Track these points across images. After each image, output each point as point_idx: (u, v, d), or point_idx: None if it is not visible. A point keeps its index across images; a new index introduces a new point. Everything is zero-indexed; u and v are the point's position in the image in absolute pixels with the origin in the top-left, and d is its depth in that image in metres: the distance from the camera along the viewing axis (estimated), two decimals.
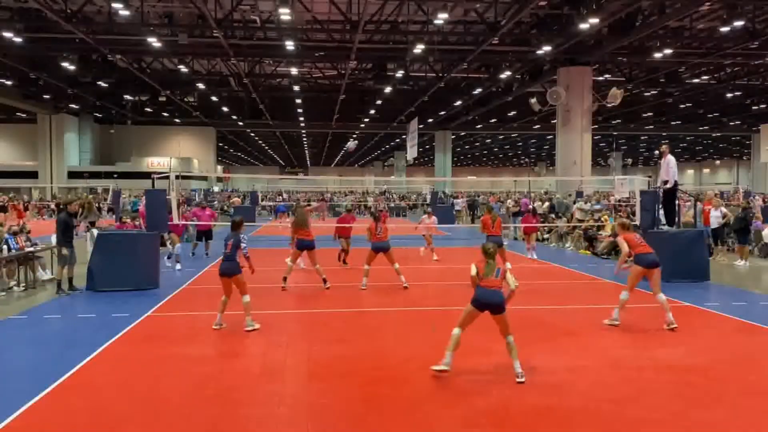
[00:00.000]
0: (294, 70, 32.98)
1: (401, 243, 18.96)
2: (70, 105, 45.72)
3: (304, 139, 71.97)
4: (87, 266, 11.36)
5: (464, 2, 22.28)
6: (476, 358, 6.68)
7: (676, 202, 13.79)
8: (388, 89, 34.68)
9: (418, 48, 24.83)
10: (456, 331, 6.28)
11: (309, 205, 18.42)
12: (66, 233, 10.97)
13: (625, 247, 8.72)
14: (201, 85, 36.95)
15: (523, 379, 6.00)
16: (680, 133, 61.12)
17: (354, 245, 14.94)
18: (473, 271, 6.31)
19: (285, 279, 11.53)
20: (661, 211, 13.25)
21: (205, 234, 16.82)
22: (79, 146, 52.18)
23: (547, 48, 24.31)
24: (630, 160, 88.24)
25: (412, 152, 43.62)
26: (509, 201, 25.27)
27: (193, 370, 6.46)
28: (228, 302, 8.32)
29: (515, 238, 22.11)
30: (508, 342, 6.21)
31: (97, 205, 25.91)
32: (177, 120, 52.68)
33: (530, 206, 21.23)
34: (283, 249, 15.04)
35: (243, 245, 8.26)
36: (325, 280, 11.34)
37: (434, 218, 17.62)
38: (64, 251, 10.88)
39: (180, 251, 14.51)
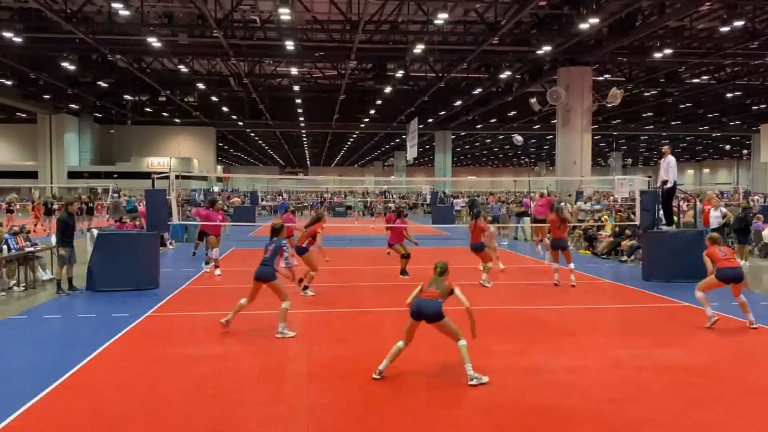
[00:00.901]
0: (294, 70, 32.99)
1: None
2: (70, 105, 45.73)
3: (304, 139, 71.98)
4: (87, 266, 11.37)
5: (464, 2, 22.27)
6: (476, 358, 6.67)
7: (675, 202, 13.81)
8: (388, 89, 34.68)
9: (418, 48, 24.83)
10: (399, 344, 6.24)
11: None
12: (65, 233, 10.96)
13: (709, 265, 8.51)
14: (201, 85, 36.95)
15: (473, 382, 5.90)
16: (680, 133, 61.13)
17: (357, 245, 14.82)
18: (415, 292, 6.35)
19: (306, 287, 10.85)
20: (661, 212, 13.25)
21: (206, 234, 16.80)
22: (79, 146, 52.20)
23: (547, 48, 24.31)
24: (630, 160, 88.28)
25: (412, 152, 43.62)
26: (512, 205, 25.26)
27: (193, 370, 6.46)
28: (245, 307, 8.07)
29: (515, 238, 22.11)
30: (459, 347, 6.08)
31: (90, 205, 25.93)
32: (177, 120, 52.69)
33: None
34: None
35: (286, 253, 7.92)
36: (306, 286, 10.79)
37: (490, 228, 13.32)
38: (62, 251, 10.89)
39: (218, 255, 13.70)
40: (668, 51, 25.97)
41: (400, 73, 31.52)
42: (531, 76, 31.96)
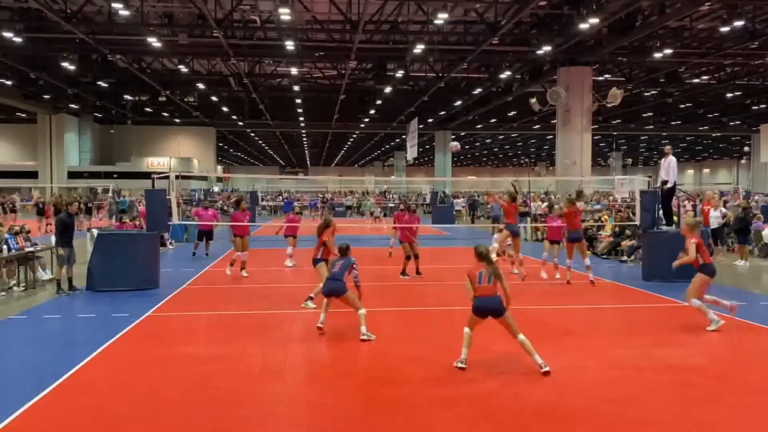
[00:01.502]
0: (294, 70, 32.98)
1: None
2: (70, 105, 45.71)
3: (304, 139, 71.98)
4: (87, 266, 11.38)
5: (464, 2, 22.27)
6: (476, 357, 6.68)
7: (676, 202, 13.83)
8: (388, 89, 34.68)
9: (418, 48, 24.82)
10: (466, 329, 6.52)
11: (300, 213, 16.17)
12: (65, 233, 10.98)
13: (693, 253, 8.31)
14: (201, 85, 36.95)
15: (547, 368, 6.19)
16: (680, 133, 61.13)
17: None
18: (467, 285, 6.52)
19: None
20: (661, 212, 13.26)
21: (206, 234, 16.85)
22: (79, 146, 52.19)
23: (547, 48, 24.30)
24: (630, 160, 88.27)
25: (412, 152, 43.62)
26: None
27: (193, 370, 6.46)
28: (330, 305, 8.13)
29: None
30: (520, 342, 6.34)
31: (89, 205, 26.03)
32: (177, 120, 52.68)
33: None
34: (283, 249, 14.99)
35: (355, 271, 8.10)
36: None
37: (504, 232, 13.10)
38: (61, 251, 10.92)
39: (246, 257, 13.22)
40: (668, 51, 25.96)
41: (400, 73, 31.52)
42: (531, 76, 31.95)
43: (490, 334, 7.83)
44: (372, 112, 44.29)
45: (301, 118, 50.04)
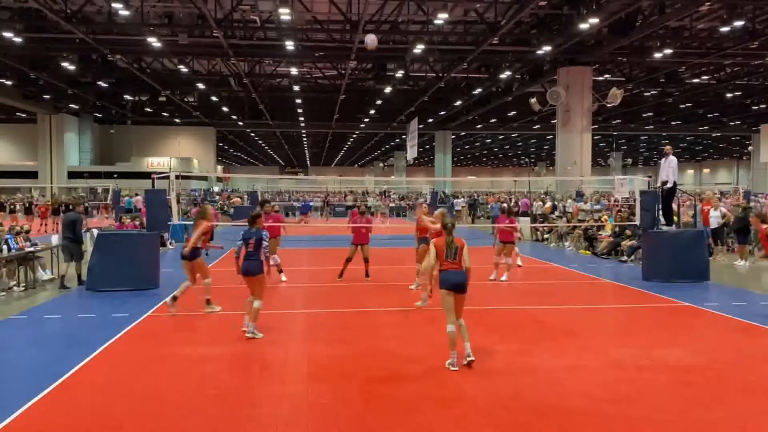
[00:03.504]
0: (294, 70, 32.98)
1: (403, 244, 19.01)
2: (70, 105, 45.73)
3: (304, 139, 71.97)
4: (87, 266, 11.39)
5: (464, 2, 22.28)
6: (477, 358, 6.67)
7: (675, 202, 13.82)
8: (388, 89, 34.68)
9: (418, 48, 24.83)
10: (449, 328, 6.49)
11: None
12: (73, 230, 11.38)
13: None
14: (201, 85, 36.96)
15: (472, 358, 6.40)
16: (680, 133, 61.15)
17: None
18: (432, 255, 6.60)
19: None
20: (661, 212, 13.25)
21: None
22: (79, 146, 52.20)
23: (547, 48, 24.31)
24: (630, 160, 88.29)
25: (412, 152, 43.64)
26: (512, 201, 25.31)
27: (193, 370, 6.46)
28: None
29: (519, 238, 22.07)
30: (460, 325, 6.51)
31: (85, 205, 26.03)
32: (177, 120, 52.69)
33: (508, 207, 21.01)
34: (287, 249, 14.98)
35: (265, 243, 7.83)
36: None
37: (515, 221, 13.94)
38: (69, 248, 11.27)
39: (278, 261, 12.53)
40: (668, 51, 25.96)
41: (400, 73, 31.52)
42: (531, 76, 31.96)
43: (491, 334, 7.84)
44: (372, 112, 44.30)
45: (301, 118, 50.05)
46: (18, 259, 11.65)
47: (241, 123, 51.20)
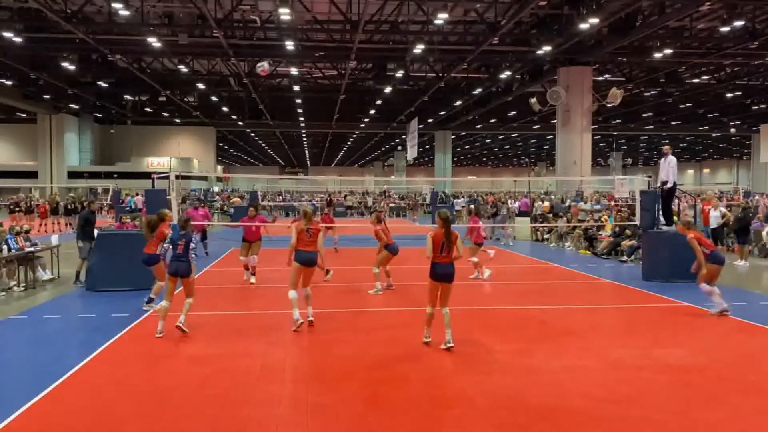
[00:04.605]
0: (294, 70, 32.99)
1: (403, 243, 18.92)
2: (70, 105, 45.73)
3: (304, 139, 71.97)
4: (88, 266, 11.40)
5: (464, 2, 22.28)
6: (477, 357, 6.68)
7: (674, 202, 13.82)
8: (388, 89, 34.68)
9: (418, 48, 24.83)
10: (428, 309, 7.21)
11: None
12: (85, 228, 11.66)
13: (696, 246, 9.12)
14: (201, 85, 36.95)
15: (451, 344, 6.85)
16: (680, 133, 61.13)
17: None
18: (428, 247, 7.04)
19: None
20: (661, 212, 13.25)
21: (200, 234, 16.83)
22: (79, 146, 52.21)
23: (547, 48, 24.30)
24: (630, 160, 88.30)
25: (412, 152, 43.64)
26: (513, 202, 25.26)
27: (193, 370, 6.46)
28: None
29: (514, 237, 22.09)
30: (444, 313, 7.03)
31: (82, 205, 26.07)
32: (177, 120, 52.70)
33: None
34: (284, 249, 14.96)
35: (193, 245, 7.99)
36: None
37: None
38: (80, 244, 11.58)
39: (256, 262, 12.57)
40: (668, 51, 25.97)
41: (400, 73, 31.52)
42: (531, 76, 31.96)
43: (491, 334, 7.85)
44: (372, 112, 44.29)
45: (301, 118, 50.05)
46: (18, 259, 11.66)
47: (241, 123, 51.22)
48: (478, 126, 53.37)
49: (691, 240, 9.10)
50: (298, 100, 41.59)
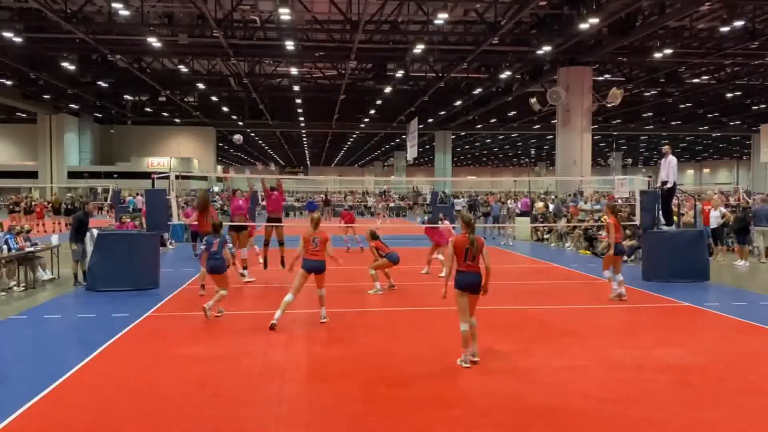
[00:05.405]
0: (294, 70, 33.00)
1: (403, 244, 18.97)
2: (70, 105, 45.75)
3: (304, 139, 71.95)
4: (87, 266, 11.39)
5: (464, 2, 22.29)
6: (477, 357, 6.68)
7: (674, 201, 13.82)
8: (388, 89, 34.69)
9: (418, 48, 24.84)
10: (463, 326, 6.57)
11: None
12: (79, 230, 11.63)
13: (609, 231, 10.21)
14: (201, 85, 36.96)
15: (476, 359, 6.56)
16: (680, 133, 61.14)
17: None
18: (450, 254, 6.69)
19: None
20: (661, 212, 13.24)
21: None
22: (79, 146, 52.21)
23: (547, 48, 24.31)
24: (630, 160, 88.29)
25: (412, 152, 43.63)
26: (513, 203, 25.23)
27: (193, 370, 6.46)
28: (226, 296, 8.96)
29: (514, 237, 22.09)
30: (472, 324, 6.59)
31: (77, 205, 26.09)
32: (177, 120, 52.70)
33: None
34: (288, 249, 14.96)
35: (229, 245, 9.07)
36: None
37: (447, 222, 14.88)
38: (74, 247, 11.50)
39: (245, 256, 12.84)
40: (668, 51, 25.98)
41: (400, 73, 31.54)
42: (531, 76, 31.97)
43: (491, 334, 7.84)
44: (372, 112, 44.30)
45: (301, 118, 50.05)
46: (18, 259, 11.66)
47: (241, 123, 51.21)
48: (478, 126, 53.38)
49: (607, 224, 10.32)
50: (298, 100, 41.60)
